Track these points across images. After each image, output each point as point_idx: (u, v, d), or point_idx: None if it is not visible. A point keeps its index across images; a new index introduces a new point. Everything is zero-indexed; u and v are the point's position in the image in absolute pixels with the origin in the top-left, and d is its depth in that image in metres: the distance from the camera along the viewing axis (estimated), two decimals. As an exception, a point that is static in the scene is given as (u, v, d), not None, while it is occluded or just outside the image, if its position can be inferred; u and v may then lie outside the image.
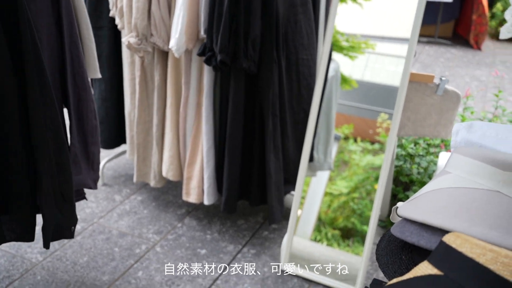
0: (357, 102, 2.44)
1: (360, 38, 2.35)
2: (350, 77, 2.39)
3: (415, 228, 0.95)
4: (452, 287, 0.66)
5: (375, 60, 2.43)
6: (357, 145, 2.44)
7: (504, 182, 0.92)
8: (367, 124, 2.42)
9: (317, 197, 2.44)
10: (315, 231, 2.39)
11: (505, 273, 0.65)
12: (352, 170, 2.46)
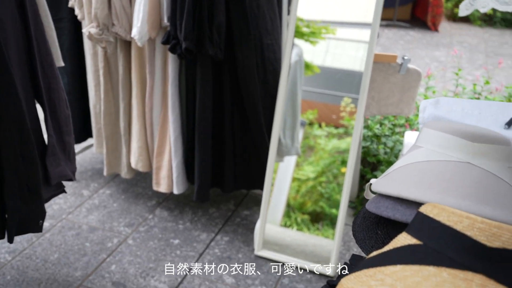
0: (319, 88, 2.45)
1: (320, 24, 2.36)
2: (312, 63, 2.40)
3: (390, 203, 0.97)
4: (432, 255, 0.68)
5: (335, 46, 2.44)
6: (322, 130, 2.46)
7: (474, 153, 0.94)
8: (331, 110, 2.44)
9: (285, 183, 2.45)
10: (285, 216, 2.40)
11: (482, 238, 0.67)
12: (318, 155, 2.48)
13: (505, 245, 0.67)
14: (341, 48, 2.46)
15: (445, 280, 0.65)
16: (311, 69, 2.41)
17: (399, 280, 0.67)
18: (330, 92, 2.44)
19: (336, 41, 2.43)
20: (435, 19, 6.11)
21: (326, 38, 2.37)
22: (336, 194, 2.39)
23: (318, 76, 2.42)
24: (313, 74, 2.41)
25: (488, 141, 0.95)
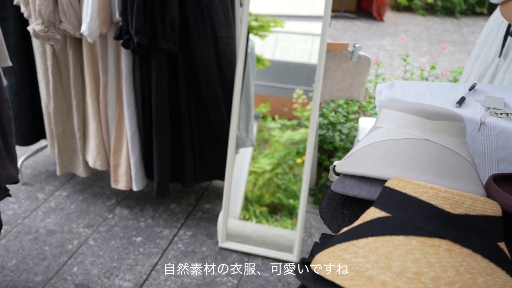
0: (270, 81, 2.48)
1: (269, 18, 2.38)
2: (262, 56, 2.42)
3: (355, 182, 1.00)
4: (401, 225, 0.72)
5: (283, 39, 2.47)
6: (276, 122, 2.49)
7: (431, 130, 0.99)
8: (282, 103, 2.47)
9: (242, 177, 2.47)
10: (243, 210, 2.42)
11: (446, 206, 0.71)
12: (273, 147, 2.51)
13: (467, 211, 0.71)
14: (290, 41, 2.49)
15: (414, 247, 0.69)
16: (261, 63, 2.43)
17: (372, 251, 0.70)
18: (281, 85, 2.47)
19: (284, 35, 2.46)
20: (380, 9, 6.27)
21: (275, 31, 2.40)
22: (292, 185, 2.43)
23: (268, 70, 2.45)
24: (263, 67, 2.43)
25: (443, 118, 1.00)
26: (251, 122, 2.48)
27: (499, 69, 1.68)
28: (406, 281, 0.65)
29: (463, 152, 1.00)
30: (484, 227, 0.71)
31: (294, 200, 2.39)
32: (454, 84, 1.43)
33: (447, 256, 0.68)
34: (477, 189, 0.96)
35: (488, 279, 0.67)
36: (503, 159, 1.19)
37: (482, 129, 1.19)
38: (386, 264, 0.67)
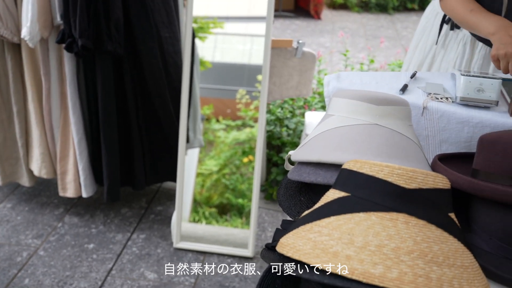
0: (211, 83, 2.50)
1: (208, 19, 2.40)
2: (203, 58, 2.44)
3: (311, 169, 1.04)
4: (360, 203, 0.76)
5: (223, 41, 2.50)
6: (220, 123, 2.51)
7: (380, 116, 1.04)
8: (225, 104, 2.50)
9: (189, 179, 2.47)
10: (193, 212, 2.43)
11: (401, 182, 0.75)
12: (219, 148, 2.53)
13: (420, 186, 0.76)
14: (229, 42, 2.52)
15: (374, 222, 0.73)
16: (203, 65, 2.45)
17: (335, 229, 0.74)
18: (223, 87, 2.50)
19: (223, 36, 2.48)
20: (317, 8, 6.41)
21: (214, 33, 2.41)
22: (240, 185, 2.45)
23: (210, 72, 2.46)
24: (205, 69, 2.45)
25: (390, 103, 1.06)
26: (198, 122, 2.49)
27: (436, 57, 1.78)
28: (369, 253, 0.69)
29: (410, 135, 1.06)
30: (436, 199, 0.76)
31: (243, 200, 2.41)
32: (396, 73, 1.51)
33: (405, 228, 0.72)
34: (424, 168, 1.03)
35: (443, 247, 0.72)
36: (445, 141, 1.27)
37: (425, 113, 1.27)
38: (349, 240, 0.71)
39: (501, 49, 1.34)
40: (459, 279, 0.70)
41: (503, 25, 1.39)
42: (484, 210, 0.98)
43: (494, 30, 1.39)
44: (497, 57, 1.35)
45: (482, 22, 1.44)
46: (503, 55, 1.33)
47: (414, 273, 0.67)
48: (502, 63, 1.34)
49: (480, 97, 1.22)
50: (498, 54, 1.34)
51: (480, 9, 1.47)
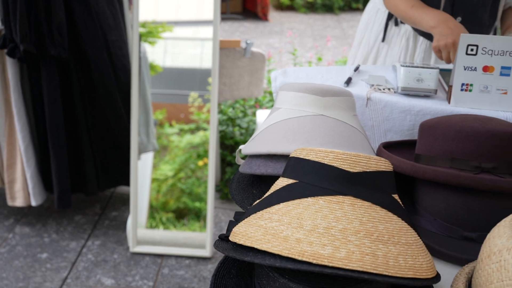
0: (163, 88, 2.49)
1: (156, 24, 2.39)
2: (153, 62, 2.43)
3: (261, 161, 1.06)
4: (308, 188, 0.78)
5: (173, 45, 2.49)
6: (173, 128, 2.50)
7: (325, 107, 1.08)
8: (178, 109, 2.49)
9: (144, 185, 2.45)
10: (150, 218, 2.41)
11: (346, 166, 0.78)
12: (174, 153, 2.52)
13: (364, 169, 0.79)
14: (179, 47, 2.51)
15: (322, 206, 0.76)
16: (153, 69, 2.43)
17: (284, 214, 0.76)
18: (175, 91, 2.49)
19: (173, 41, 2.47)
20: (264, 10, 6.47)
21: (164, 37, 2.40)
22: (196, 188, 2.45)
23: (161, 77, 2.45)
24: (156, 73, 2.43)
25: (334, 94, 1.09)
26: (151, 126, 2.47)
27: (380, 52, 1.84)
28: (318, 236, 0.71)
29: (355, 124, 1.10)
30: (380, 181, 0.80)
31: (200, 203, 2.41)
32: (341, 67, 1.55)
33: (351, 210, 0.75)
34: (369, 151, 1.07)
35: (388, 226, 0.75)
36: (389, 130, 1.32)
37: (369, 104, 1.31)
38: (298, 224, 0.73)
39: (442, 40, 1.42)
40: (404, 256, 0.73)
41: (443, 18, 1.47)
42: (427, 192, 1.03)
43: (434, 24, 1.47)
44: (438, 48, 1.43)
45: (423, 17, 1.52)
46: (444, 46, 1.41)
47: (361, 251, 0.70)
48: (443, 53, 1.42)
49: (420, 87, 1.28)
50: (439, 45, 1.42)
51: (421, 5, 1.54)
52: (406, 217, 0.81)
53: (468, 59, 1.21)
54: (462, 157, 0.98)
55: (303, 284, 0.72)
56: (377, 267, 0.69)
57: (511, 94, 1.21)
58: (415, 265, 0.74)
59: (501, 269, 0.72)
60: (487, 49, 1.20)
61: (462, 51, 1.21)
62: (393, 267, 0.71)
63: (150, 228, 2.38)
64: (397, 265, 0.71)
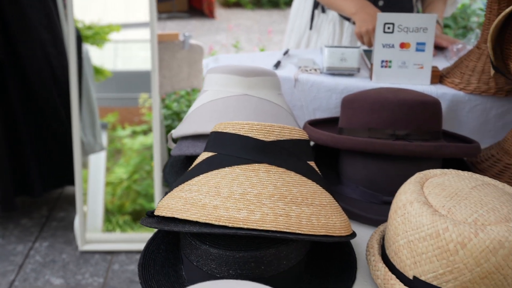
0: (115, 92, 2.48)
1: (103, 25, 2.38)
2: (102, 67, 2.41)
3: (190, 142, 1.10)
4: (225, 159, 0.82)
5: (123, 48, 2.48)
6: (125, 130, 2.49)
7: (249, 86, 1.12)
8: (131, 112, 2.48)
9: (98, 190, 2.43)
10: (106, 222, 2.40)
11: (260, 136, 0.82)
12: (127, 155, 2.51)
13: (278, 138, 0.83)
14: (129, 50, 2.50)
15: (238, 174, 0.79)
16: (102, 74, 2.42)
17: (203, 185, 0.79)
18: (127, 95, 2.47)
19: (124, 44, 2.46)
20: (210, 7, 6.50)
21: (111, 39, 2.39)
22: (152, 189, 2.45)
23: (113, 81, 2.44)
24: (104, 79, 2.42)
25: (258, 74, 1.13)
26: (97, 127, 2.46)
27: (311, 38, 1.90)
28: (234, 201, 0.75)
29: (280, 102, 1.14)
30: (294, 149, 0.84)
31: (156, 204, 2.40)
32: (272, 52, 1.60)
33: (266, 176, 0.79)
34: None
35: (301, 189, 0.80)
36: (317, 108, 1.37)
37: (297, 85, 1.36)
38: (216, 192, 0.77)
39: (362, 26, 1.49)
40: (317, 216, 0.78)
41: (363, 5, 1.55)
42: (349, 162, 1.09)
43: (355, 10, 1.55)
44: (360, 34, 1.51)
45: (344, 3, 1.59)
46: (365, 32, 1.48)
47: (275, 213, 0.74)
48: (365, 39, 1.50)
49: (343, 66, 1.33)
50: (361, 31, 1.50)
51: None
52: (321, 182, 0.86)
53: (385, 37, 1.28)
54: (378, 126, 1.04)
55: (223, 248, 0.76)
56: (290, 226, 0.74)
57: (427, 68, 1.28)
58: (328, 224, 0.78)
59: (405, 221, 0.77)
60: (402, 26, 1.26)
61: (379, 30, 1.27)
62: (305, 226, 0.75)
63: (107, 231, 2.37)
64: (309, 224, 0.76)
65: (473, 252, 0.69)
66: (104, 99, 2.42)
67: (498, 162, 1.13)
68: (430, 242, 0.72)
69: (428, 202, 0.77)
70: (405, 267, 0.77)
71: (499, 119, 1.26)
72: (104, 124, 2.51)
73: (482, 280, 0.71)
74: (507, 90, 1.21)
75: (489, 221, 0.72)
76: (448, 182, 0.81)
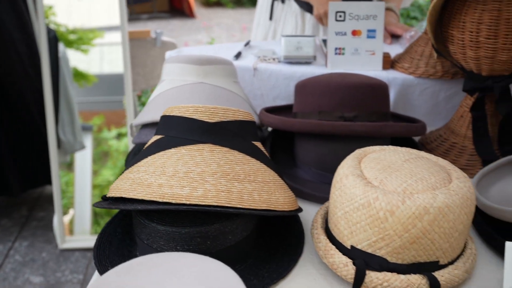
0: (102, 95, 2.50)
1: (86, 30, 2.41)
2: (88, 71, 2.44)
3: (149, 130, 1.13)
4: (172, 141, 0.86)
5: (109, 51, 2.50)
6: (110, 132, 2.51)
7: (204, 75, 1.16)
8: (116, 114, 2.50)
9: (85, 193, 2.45)
10: (94, 224, 2.43)
11: (204, 117, 0.86)
12: (114, 157, 2.54)
13: (222, 119, 0.87)
14: (116, 53, 2.52)
15: (183, 154, 0.83)
16: (87, 79, 2.44)
17: (150, 165, 0.83)
18: (112, 98, 2.49)
19: (109, 47, 2.48)
20: (191, 7, 6.52)
21: (95, 44, 2.41)
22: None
23: (99, 85, 2.46)
24: (90, 84, 2.44)
25: (213, 63, 1.17)
26: (76, 125, 2.48)
27: (277, 31, 1.94)
28: (178, 179, 0.79)
29: (235, 89, 1.18)
30: (238, 130, 0.88)
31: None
32: (235, 43, 1.64)
33: (210, 155, 0.83)
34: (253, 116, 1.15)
35: (244, 167, 0.84)
36: (277, 97, 1.41)
37: (256, 74, 1.40)
38: (161, 172, 0.81)
39: (320, 9, 1.54)
40: (259, 191, 0.82)
41: None
42: (302, 145, 1.13)
43: None
44: (319, 16, 1.55)
45: None
46: (324, 14, 1.54)
47: (217, 189, 0.78)
48: (324, 21, 1.55)
49: (300, 54, 1.38)
50: (319, 13, 1.55)
51: None
52: (266, 161, 0.90)
53: (338, 25, 1.32)
54: (327, 109, 1.08)
55: (169, 225, 0.80)
56: (231, 201, 0.78)
57: (378, 54, 1.33)
58: (270, 199, 0.82)
59: (342, 194, 0.82)
60: (353, 14, 1.31)
61: (332, 18, 1.32)
62: (247, 200, 0.79)
63: (96, 234, 2.39)
64: (251, 199, 0.80)
65: (400, 218, 0.74)
66: (90, 103, 2.45)
67: (445, 141, 1.18)
68: (363, 211, 0.77)
69: (363, 175, 0.82)
70: (343, 238, 0.81)
71: (448, 101, 1.31)
72: (89, 126, 2.54)
73: (411, 245, 0.75)
74: (452, 73, 1.26)
75: (416, 190, 0.76)
76: (384, 156, 0.86)
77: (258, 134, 0.95)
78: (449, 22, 1.06)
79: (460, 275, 0.79)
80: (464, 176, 0.82)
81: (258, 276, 0.84)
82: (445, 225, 0.75)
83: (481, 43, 1.02)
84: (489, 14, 1.00)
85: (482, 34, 1.01)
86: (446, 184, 0.78)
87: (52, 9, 2.41)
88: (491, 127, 1.12)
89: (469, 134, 1.14)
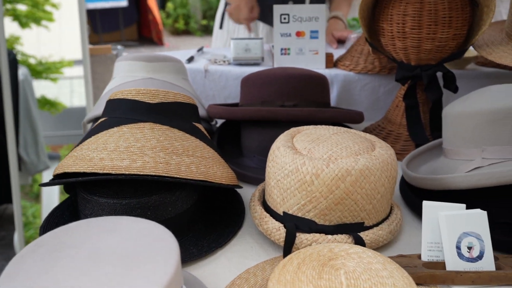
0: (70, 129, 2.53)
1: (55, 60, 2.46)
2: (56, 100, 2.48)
3: (99, 124, 1.17)
4: (114, 121, 0.90)
5: (79, 84, 2.53)
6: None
7: (153, 71, 1.22)
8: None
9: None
10: None
11: (146, 99, 0.92)
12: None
13: (162, 100, 0.92)
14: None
15: (125, 132, 0.88)
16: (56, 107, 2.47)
17: (93, 143, 0.87)
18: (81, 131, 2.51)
19: (79, 80, 2.51)
20: (159, 35, 6.62)
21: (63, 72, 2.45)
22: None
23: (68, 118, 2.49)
24: (60, 111, 2.47)
25: (161, 60, 1.23)
26: (40, 145, 2.50)
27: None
28: (119, 153, 0.83)
29: (183, 85, 1.24)
30: (178, 110, 0.93)
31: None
32: (188, 50, 1.71)
33: (150, 132, 0.88)
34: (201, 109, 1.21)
35: (184, 143, 0.89)
36: (228, 97, 1.47)
37: (207, 75, 1.47)
38: (103, 148, 0.85)
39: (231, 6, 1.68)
40: (197, 164, 0.87)
41: None
42: (246, 134, 1.19)
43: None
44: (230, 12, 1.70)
45: None
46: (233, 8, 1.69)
47: (155, 161, 0.83)
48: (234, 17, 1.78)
49: (248, 56, 1.45)
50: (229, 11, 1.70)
51: None
52: (205, 140, 0.95)
53: (282, 26, 1.40)
54: (269, 99, 1.15)
55: (110, 197, 0.83)
56: (168, 172, 0.82)
57: (321, 53, 1.41)
58: (208, 172, 0.87)
59: (274, 164, 0.87)
60: (297, 16, 1.39)
61: (277, 20, 1.40)
62: (184, 171, 0.84)
63: None
64: (188, 170, 0.84)
65: (325, 181, 0.79)
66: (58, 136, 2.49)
67: (383, 130, 1.26)
68: (292, 177, 0.82)
69: (294, 146, 0.87)
70: (277, 205, 0.87)
71: (388, 96, 1.39)
72: (56, 155, 2.55)
73: (336, 206, 0.81)
74: (389, 68, 1.34)
75: (341, 156, 0.82)
76: (315, 131, 0.92)
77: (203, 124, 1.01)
78: (379, 16, 1.15)
79: (384, 236, 0.85)
80: (387, 146, 0.88)
81: (197, 246, 0.88)
82: (367, 186, 0.81)
83: (407, 33, 1.10)
84: (413, 7, 1.08)
85: (408, 25, 1.10)
86: (369, 152, 0.85)
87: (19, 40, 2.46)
88: (423, 114, 1.20)
89: (404, 122, 1.22)
